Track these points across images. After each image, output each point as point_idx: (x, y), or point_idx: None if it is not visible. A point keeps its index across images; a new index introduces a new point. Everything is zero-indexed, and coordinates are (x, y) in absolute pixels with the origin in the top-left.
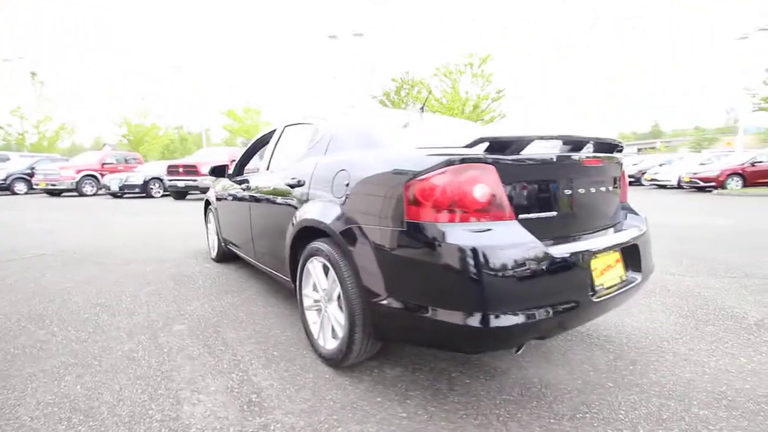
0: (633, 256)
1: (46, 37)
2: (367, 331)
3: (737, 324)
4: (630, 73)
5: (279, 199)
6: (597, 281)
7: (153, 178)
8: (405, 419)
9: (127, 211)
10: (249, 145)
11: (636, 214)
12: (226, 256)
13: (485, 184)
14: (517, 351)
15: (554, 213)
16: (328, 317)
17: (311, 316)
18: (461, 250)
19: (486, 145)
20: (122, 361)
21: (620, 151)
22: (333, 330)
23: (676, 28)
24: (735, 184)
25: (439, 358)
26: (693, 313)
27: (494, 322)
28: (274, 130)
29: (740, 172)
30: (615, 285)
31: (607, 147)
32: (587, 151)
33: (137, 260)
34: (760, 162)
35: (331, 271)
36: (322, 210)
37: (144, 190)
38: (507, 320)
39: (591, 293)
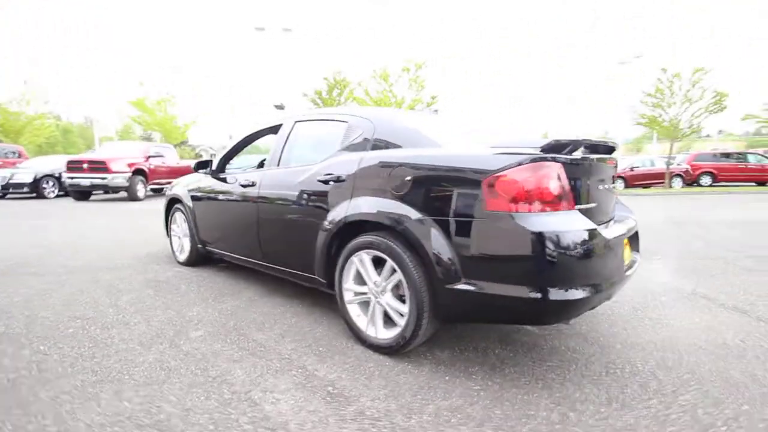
0: (634, 240)
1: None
2: (432, 316)
3: (679, 294)
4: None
5: (307, 196)
6: (625, 260)
7: (45, 176)
8: (481, 391)
9: (26, 215)
10: (237, 141)
11: (624, 206)
12: (199, 259)
13: (556, 179)
14: (568, 321)
15: (595, 204)
16: (379, 308)
17: (353, 310)
18: (542, 235)
19: (548, 146)
20: (158, 372)
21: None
22: (388, 319)
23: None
24: (619, 185)
25: (477, 339)
26: (646, 288)
27: (571, 296)
28: (277, 126)
29: (622, 176)
30: (629, 263)
31: (609, 149)
32: (603, 152)
33: (84, 268)
34: (637, 167)
35: (388, 263)
36: (379, 204)
37: (34, 190)
38: (579, 293)
39: (624, 269)
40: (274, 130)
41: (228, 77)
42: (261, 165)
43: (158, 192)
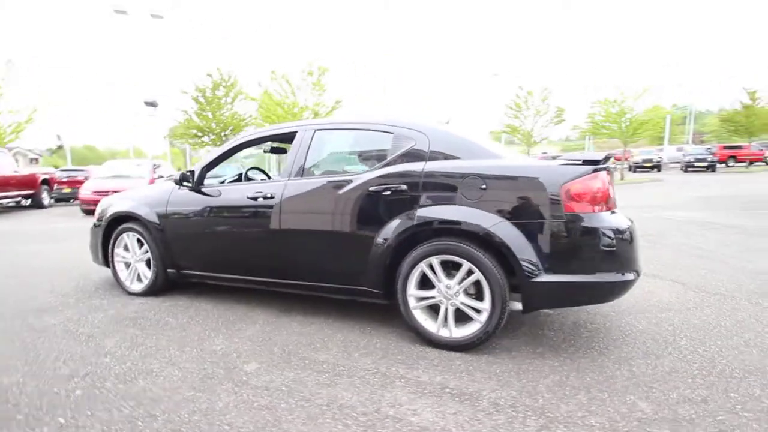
0: None
1: None
2: (507, 309)
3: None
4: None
5: (354, 207)
6: None
7: None
8: (560, 366)
9: None
10: (220, 151)
11: None
12: (165, 285)
13: (611, 185)
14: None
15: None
16: (451, 309)
17: (419, 315)
18: (609, 230)
19: (590, 158)
20: (260, 415)
21: None
22: (464, 318)
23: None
24: None
25: (517, 324)
26: None
27: (627, 278)
28: (290, 134)
29: None
30: None
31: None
32: None
33: (6, 315)
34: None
35: (465, 265)
36: (458, 212)
37: None
38: (630, 276)
39: None
40: (285, 138)
41: (83, 68)
42: (242, 178)
43: None
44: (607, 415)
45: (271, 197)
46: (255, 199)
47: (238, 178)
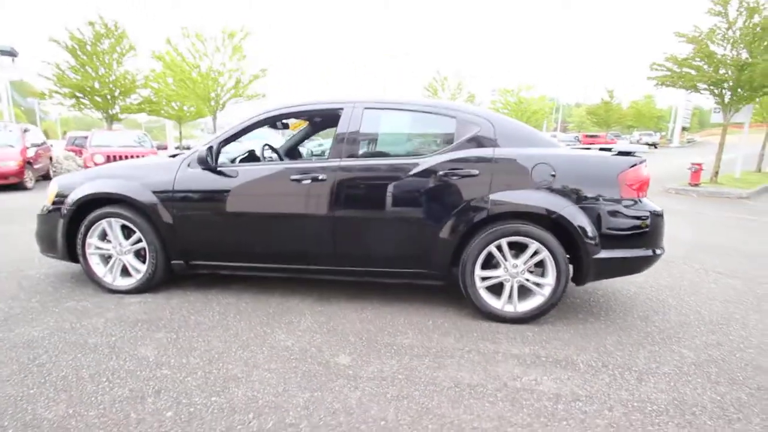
0: None
1: None
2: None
3: None
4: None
5: (422, 191)
6: None
7: None
8: (606, 329)
9: None
10: (240, 126)
11: None
12: (163, 279)
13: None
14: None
15: None
16: (516, 287)
17: (484, 294)
18: (655, 212)
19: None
20: (406, 405)
21: None
22: (526, 294)
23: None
24: None
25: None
26: None
27: (659, 252)
28: (333, 110)
29: None
30: None
31: None
32: None
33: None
34: None
35: (533, 245)
36: (527, 196)
37: None
38: (660, 251)
39: None
40: (326, 114)
41: None
42: (252, 157)
43: None
44: (673, 363)
45: (323, 180)
46: (299, 181)
47: (250, 157)
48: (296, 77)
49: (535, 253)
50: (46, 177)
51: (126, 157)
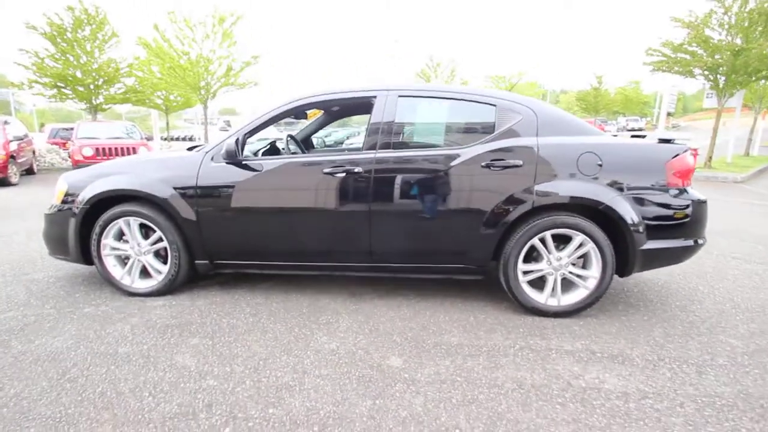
0: None
1: None
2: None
3: None
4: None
5: (463, 182)
6: None
7: None
8: (649, 321)
9: None
10: (266, 117)
11: None
12: (186, 280)
13: None
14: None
15: None
16: (559, 280)
17: (527, 288)
18: (700, 201)
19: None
20: (475, 411)
21: None
22: (568, 287)
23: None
24: None
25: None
26: None
27: (702, 241)
28: (366, 98)
29: None
30: None
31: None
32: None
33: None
34: None
35: (578, 237)
36: (575, 187)
37: None
38: (702, 240)
39: None
40: (358, 103)
41: None
42: (274, 150)
43: None
44: (725, 354)
45: (358, 172)
46: (332, 174)
47: (272, 149)
48: (293, 68)
49: (580, 245)
50: (29, 172)
51: (116, 149)
